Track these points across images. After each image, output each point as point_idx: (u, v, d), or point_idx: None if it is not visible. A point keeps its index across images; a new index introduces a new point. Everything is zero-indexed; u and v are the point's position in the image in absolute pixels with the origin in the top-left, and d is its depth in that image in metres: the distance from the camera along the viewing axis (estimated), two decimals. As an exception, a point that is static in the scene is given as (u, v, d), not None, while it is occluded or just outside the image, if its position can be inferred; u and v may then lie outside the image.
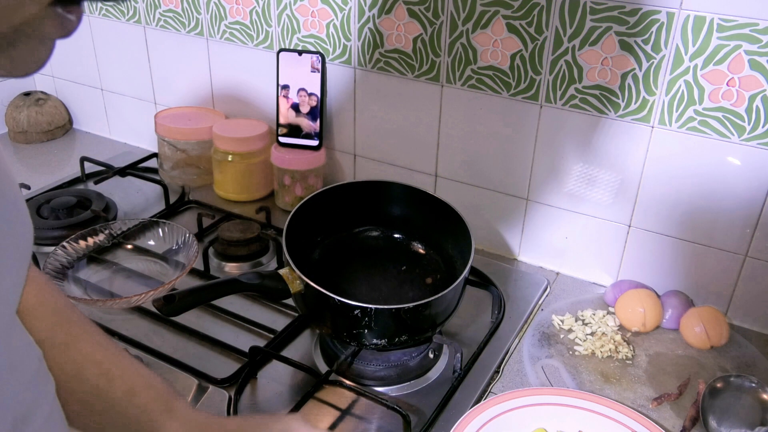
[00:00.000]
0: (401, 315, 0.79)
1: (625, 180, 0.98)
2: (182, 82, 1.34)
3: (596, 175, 0.99)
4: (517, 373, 0.89)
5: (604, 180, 0.99)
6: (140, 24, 1.32)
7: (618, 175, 0.98)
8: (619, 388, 0.86)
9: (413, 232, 1.00)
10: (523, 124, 1.01)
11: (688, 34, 0.86)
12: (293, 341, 0.92)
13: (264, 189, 1.26)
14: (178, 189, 1.25)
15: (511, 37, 0.97)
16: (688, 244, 0.97)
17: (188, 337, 0.92)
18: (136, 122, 1.44)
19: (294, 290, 0.81)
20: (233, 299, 0.97)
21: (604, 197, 1.00)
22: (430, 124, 1.09)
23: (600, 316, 0.98)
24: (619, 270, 1.04)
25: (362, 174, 1.21)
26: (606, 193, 1.00)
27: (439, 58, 1.03)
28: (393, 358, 0.88)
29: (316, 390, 0.83)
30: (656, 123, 0.92)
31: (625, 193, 0.98)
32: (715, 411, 0.80)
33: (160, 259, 1.06)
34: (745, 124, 0.87)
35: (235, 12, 1.20)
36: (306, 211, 0.92)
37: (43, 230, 1.10)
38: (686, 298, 0.98)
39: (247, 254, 1.07)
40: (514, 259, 1.12)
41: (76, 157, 1.35)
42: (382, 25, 1.06)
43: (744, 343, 0.94)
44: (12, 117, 1.46)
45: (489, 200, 1.10)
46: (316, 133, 1.18)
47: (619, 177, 0.98)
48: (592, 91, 0.95)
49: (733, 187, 0.90)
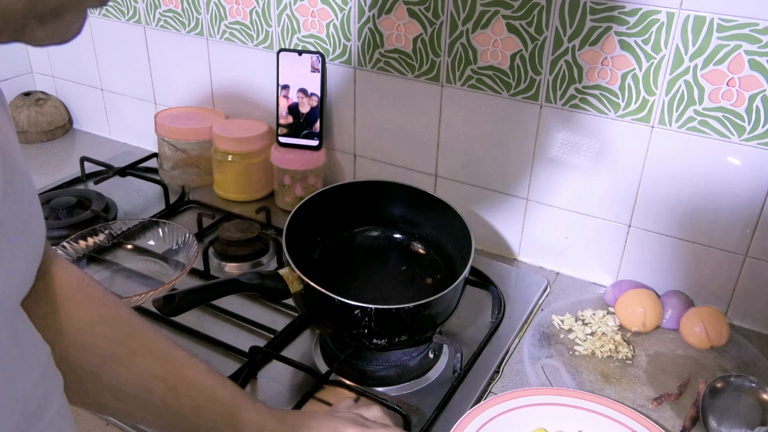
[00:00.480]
0: (401, 315, 0.79)
1: (625, 180, 0.98)
2: (182, 82, 1.34)
3: (596, 175, 0.99)
4: (517, 373, 0.89)
5: (604, 180, 0.99)
6: (140, 24, 1.32)
7: (618, 175, 0.98)
8: (619, 388, 0.86)
9: (413, 232, 1.00)
10: (523, 124, 1.01)
11: (688, 34, 0.86)
12: (293, 341, 0.92)
13: (264, 189, 1.26)
14: (178, 189, 1.25)
15: (511, 37, 0.97)
16: (688, 244, 0.97)
17: (188, 337, 0.92)
18: (136, 122, 1.44)
19: (294, 290, 0.81)
20: (233, 299, 0.97)
21: (604, 197, 1.00)
22: (430, 124, 1.09)
23: (600, 316, 0.98)
24: (619, 270, 1.04)
25: (362, 174, 1.21)
26: (606, 193, 1.00)
27: (439, 58, 1.03)
28: (393, 358, 0.88)
29: (316, 390, 0.83)
30: (656, 123, 0.92)
31: (625, 193, 0.98)
32: (715, 411, 0.80)
33: (160, 259, 1.06)
34: (745, 124, 0.87)
35: (235, 12, 1.20)
36: (306, 211, 0.92)
37: (43, 230, 1.10)
38: (686, 298, 0.98)
39: (247, 254, 1.07)
40: (514, 259, 1.12)
41: (76, 157, 1.35)
42: (382, 25, 1.06)
43: (744, 343, 0.94)
44: (12, 117, 1.46)
45: (489, 200, 1.10)
46: (317, 133, 1.18)
47: (619, 177, 0.98)
48: (592, 91, 0.95)
49: (733, 187, 0.90)
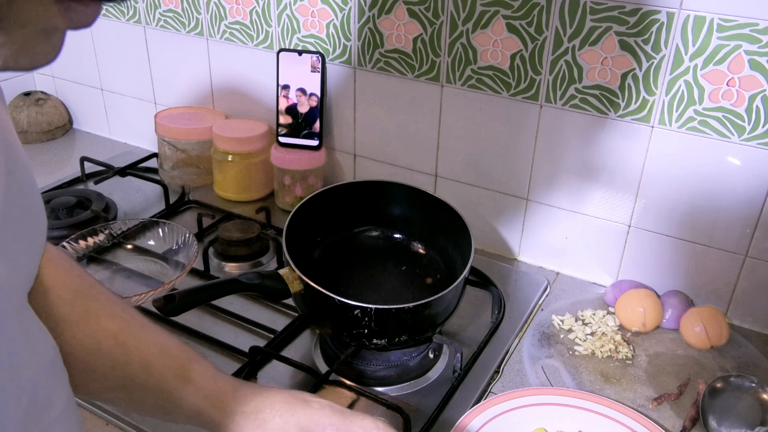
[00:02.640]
0: (401, 315, 0.79)
1: (625, 180, 0.98)
2: (182, 82, 1.34)
3: (596, 175, 0.99)
4: (517, 373, 0.89)
5: (604, 180, 0.99)
6: (140, 24, 1.32)
7: (618, 175, 0.98)
8: (619, 388, 0.86)
9: (413, 232, 1.00)
10: (523, 124, 1.01)
11: (688, 34, 0.86)
12: (293, 341, 0.92)
13: (264, 189, 1.26)
14: (178, 189, 1.25)
15: (511, 37, 0.97)
16: (688, 244, 0.97)
17: (188, 337, 0.92)
18: (136, 122, 1.44)
19: (294, 290, 0.81)
20: (233, 299, 0.97)
21: (604, 197, 1.00)
22: (430, 124, 1.09)
23: (600, 316, 0.98)
24: (619, 270, 1.04)
25: (362, 174, 1.21)
26: (606, 193, 1.00)
27: (439, 58, 1.03)
28: (393, 358, 0.88)
29: (316, 390, 0.83)
30: (656, 123, 0.92)
31: (625, 193, 0.98)
32: (715, 411, 0.80)
33: (160, 259, 1.06)
34: (745, 124, 0.87)
35: (235, 12, 1.20)
36: (306, 211, 0.92)
37: (43, 230, 1.10)
38: (686, 298, 0.98)
39: (247, 254, 1.07)
40: (514, 259, 1.12)
41: (76, 157, 1.35)
42: (382, 25, 1.06)
43: (744, 343, 0.94)
44: (12, 117, 1.46)
45: (489, 200, 1.10)
46: (317, 133, 1.18)
47: (619, 177, 0.98)
48: (592, 91, 0.95)
49: (733, 187, 0.90)
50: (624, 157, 0.96)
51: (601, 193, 1.00)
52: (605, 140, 0.96)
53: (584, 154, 0.99)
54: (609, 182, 0.99)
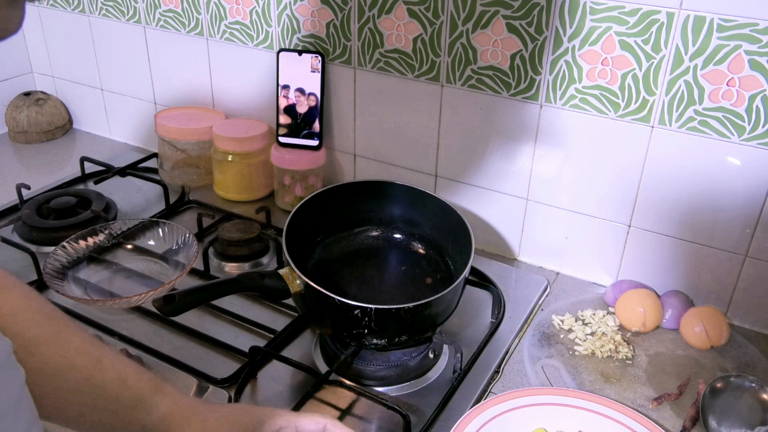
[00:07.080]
0: (401, 315, 0.79)
1: (625, 180, 0.98)
2: (182, 82, 1.34)
3: (596, 175, 0.99)
4: (517, 373, 0.89)
5: (604, 180, 0.99)
6: (140, 24, 1.32)
7: (618, 175, 0.98)
8: (619, 388, 0.86)
9: (413, 232, 1.00)
10: (523, 124, 1.01)
11: (688, 34, 0.86)
12: (293, 341, 0.92)
13: (264, 189, 1.26)
14: (178, 189, 1.25)
15: (511, 37, 0.97)
16: (688, 244, 0.97)
17: (188, 337, 0.92)
18: (136, 122, 1.45)
19: (294, 290, 0.81)
20: (233, 299, 0.97)
21: (604, 197, 1.00)
22: (430, 124, 1.09)
23: (600, 316, 0.98)
24: (619, 270, 1.04)
25: (362, 174, 1.21)
26: (606, 193, 1.00)
27: (439, 58, 1.03)
28: (393, 358, 0.88)
29: (316, 390, 0.83)
30: (656, 123, 0.92)
31: (625, 193, 0.98)
32: (715, 411, 0.80)
33: (160, 259, 1.06)
34: (745, 124, 0.87)
35: (235, 12, 1.20)
36: (306, 211, 0.92)
37: (43, 230, 1.10)
38: (686, 298, 0.98)
39: (247, 254, 1.07)
40: (514, 259, 1.12)
41: (76, 157, 1.35)
42: (382, 25, 1.06)
43: (744, 343, 0.94)
44: (12, 117, 1.46)
45: (489, 200, 1.10)
46: (317, 133, 1.18)
47: (619, 177, 0.98)
48: (592, 91, 0.94)
49: (733, 187, 0.90)
50: (624, 157, 0.96)
51: (601, 193, 1.00)
52: (605, 140, 0.96)
53: (584, 154, 0.99)
54: (609, 182, 0.99)
